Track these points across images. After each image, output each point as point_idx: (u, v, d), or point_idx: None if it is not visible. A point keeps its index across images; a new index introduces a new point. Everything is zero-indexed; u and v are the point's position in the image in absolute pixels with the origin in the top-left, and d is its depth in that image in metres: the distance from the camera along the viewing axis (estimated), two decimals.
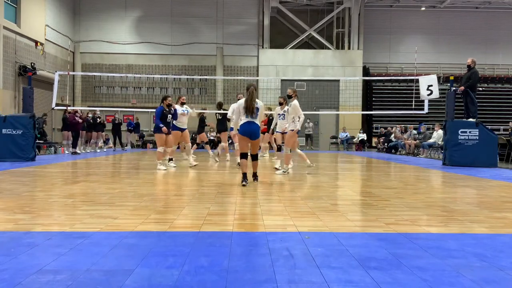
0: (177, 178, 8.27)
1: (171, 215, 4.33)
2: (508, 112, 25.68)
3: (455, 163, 11.49)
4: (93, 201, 5.34)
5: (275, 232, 3.68)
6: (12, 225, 3.80)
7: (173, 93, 25.55)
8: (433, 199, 5.78)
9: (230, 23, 25.72)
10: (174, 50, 25.71)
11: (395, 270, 2.70)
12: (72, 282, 2.40)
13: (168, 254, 2.95)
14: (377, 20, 27.06)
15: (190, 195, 5.80)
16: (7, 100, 18.28)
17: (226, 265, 2.74)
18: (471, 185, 7.56)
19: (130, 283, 2.41)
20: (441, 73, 25.48)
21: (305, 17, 26.25)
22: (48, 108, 18.59)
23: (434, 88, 11.82)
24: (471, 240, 3.53)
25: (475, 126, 11.56)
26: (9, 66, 18.50)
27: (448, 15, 27.25)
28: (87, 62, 25.60)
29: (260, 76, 24.42)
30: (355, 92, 24.02)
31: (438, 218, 4.42)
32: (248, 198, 5.63)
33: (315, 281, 2.48)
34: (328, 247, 3.20)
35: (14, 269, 2.61)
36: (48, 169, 9.76)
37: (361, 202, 5.60)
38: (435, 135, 17.36)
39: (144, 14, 25.61)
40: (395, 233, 3.71)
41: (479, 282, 2.50)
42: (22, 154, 11.43)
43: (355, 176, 9.67)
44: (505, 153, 13.64)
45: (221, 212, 4.59)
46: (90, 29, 25.45)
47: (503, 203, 5.52)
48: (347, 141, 24.36)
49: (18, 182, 6.94)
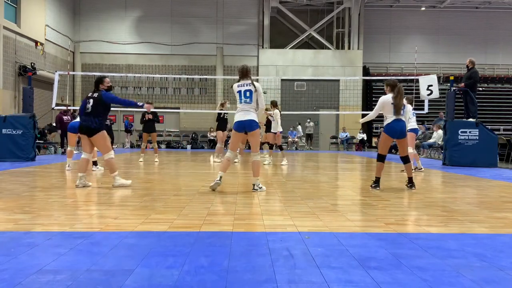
0: (177, 178, 8.27)
1: (171, 215, 4.33)
2: (508, 112, 25.69)
3: (455, 163, 11.48)
4: (93, 201, 5.34)
5: (275, 232, 3.68)
6: (12, 225, 3.80)
7: (173, 93, 25.58)
8: (433, 199, 5.78)
9: (230, 23, 25.72)
10: (174, 50, 25.71)
11: (395, 270, 2.70)
12: (72, 282, 2.40)
13: (168, 254, 2.95)
14: (377, 20, 27.06)
15: (190, 195, 5.80)
16: (7, 100, 18.28)
17: (226, 265, 2.74)
18: (471, 185, 7.56)
19: (130, 283, 2.41)
20: (441, 73, 25.47)
21: (305, 17, 26.25)
22: (48, 108, 18.59)
23: (434, 88, 11.81)
24: (471, 240, 3.53)
25: (475, 126, 11.55)
26: (9, 66, 18.50)
27: (448, 15, 27.24)
28: (87, 62, 25.60)
29: (260, 76, 24.41)
30: (355, 92, 24.02)
31: (438, 218, 4.42)
32: (248, 198, 5.62)
33: (315, 281, 2.48)
34: (328, 247, 3.20)
35: (14, 269, 2.61)
36: (48, 169, 9.76)
37: (361, 202, 5.60)
38: (435, 135, 17.37)
39: (144, 14, 25.61)
40: (395, 233, 3.71)
41: (479, 282, 2.50)
42: (22, 154, 11.43)
43: (355, 176, 9.67)
44: (505, 153, 13.64)
45: (221, 212, 4.59)
46: (90, 29, 25.45)
47: (503, 203, 5.52)
48: (347, 141, 24.36)
49: (18, 182, 6.94)
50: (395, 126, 6.60)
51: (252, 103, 6.09)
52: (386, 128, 6.69)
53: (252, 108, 6.11)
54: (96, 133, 6.41)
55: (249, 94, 6.08)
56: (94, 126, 6.40)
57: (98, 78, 6.74)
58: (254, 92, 6.09)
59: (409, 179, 6.80)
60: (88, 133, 6.46)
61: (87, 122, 6.42)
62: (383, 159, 6.76)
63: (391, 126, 6.61)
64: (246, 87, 6.11)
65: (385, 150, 6.80)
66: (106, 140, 6.57)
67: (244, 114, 6.07)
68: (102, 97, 6.51)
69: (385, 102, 6.65)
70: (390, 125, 6.62)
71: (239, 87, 6.14)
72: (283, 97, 24.40)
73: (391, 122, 6.61)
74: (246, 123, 6.05)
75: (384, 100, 6.67)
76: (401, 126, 6.64)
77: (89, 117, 6.42)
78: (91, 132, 6.42)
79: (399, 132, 6.63)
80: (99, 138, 6.45)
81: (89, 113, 6.42)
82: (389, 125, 6.63)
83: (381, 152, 6.80)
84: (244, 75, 6.21)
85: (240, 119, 6.07)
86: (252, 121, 6.06)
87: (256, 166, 6.20)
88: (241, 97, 6.09)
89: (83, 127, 6.48)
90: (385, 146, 6.82)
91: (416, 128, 9.86)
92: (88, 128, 6.42)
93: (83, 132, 6.49)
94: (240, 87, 6.14)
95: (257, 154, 6.23)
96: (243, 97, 6.09)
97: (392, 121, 6.60)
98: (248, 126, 6.07)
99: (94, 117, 6.41)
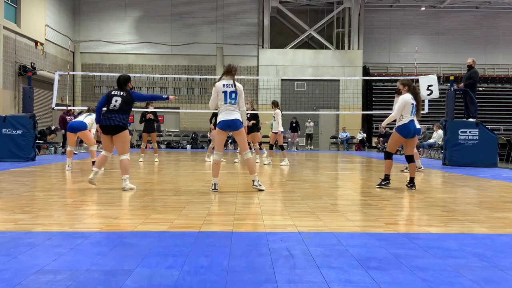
0: (177, 178, 8.27)
1: (171, 215, 4.33)
2: (508, 112, 25.68)
3: (455, 163, 11.48)
4: (93, 201, 5.35)
5: (275, 232, 3.68)
6: (12, 225, 3.80)
7: (173, 93, 25.55)
8: (433, 199, 5.78)
9: (230, 23, 25.72)
10: (174, 50, 25.70)
11: (395, 270, 2.70)
12: (72, 282, 2.40)
13: (168, 254, 2.95)
14: (377, 20, 27.05)
15: (190, 195, 5.80)
16: (7, 100, 18.28)
17: (226, 265, 2.74)
18: (471, 185, 7.56)
19: (130, 283, 2.41)
20: (441, 73, 25.47)
21: (305, 17, 26.25)
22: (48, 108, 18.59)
23: (434, 88, 11.81)
24: (471, 240, 3.53)
25: (475, 126, 11.56)
26: (9, 66, 18.49)
27: (448, 15, 27.24)
28: (87, 62, 25.60)
29: (260, 76, 24.41)
30: (355, 92, 24.03)
31: (438, 218, 4.42)
32: (248, 198, 5.63)
33: (315, 281, 2.48)
34: (328, 247, 3.20)
35: (14, 269, 2.61)
36: (48, 169, 9.76)
37: (361, 202, 5.60)
38: (435, 135, 17.37)
39: (144, 14, 25.61)
40: (395, 233, 3.71)
41: (479, 282, 2.50)
42: (22, 154, 11.43)
43: (355, 176, 9.67)
44: (505, 153, 13.64)
45: (221, 212, 4.59)
46: (90, 29, 25.45)
47: (503, 203, 5.52)
48: (347, 141, 24.36)
49: (18, 182, 6.94)
50: (410, 126, 6.61)
51: (236, 104, 6.16)
52: (400, 128, 6.62)
53: (236, 109, 6.17)
54: (121, 131, 6.18)
55: (235, 96, 6.12)
56: (122, 123, 6.15)
57: (126, 77, 6.48)
58: (238, 94, 6.14)
59: (411, 179, 6.79)
60: (112, 131, 6.17)
61: (113, 120, 6.12)
62: (391, 156, 6.79)
63: (407, 126, 6.59)
64: (231, 88, 6.13)
65: (394, 149, 6.86)
66: (128, 139, 6.43)
67: (228, 113, 6.10)
68: (132, 95, 6.34)
69: (406, 102, 6.60)
70: (406, 125, 6.59)
71: (224, 87, 6.14)
72: (283, 97, 24.41)
73: (408, 122, 6.59)
74: (231, 122, 6.08)
75: (406, 100, 6.61)
76: (415, 127, 6.68)
77: (115, 114, 6.15)
78: (116, 130, 6.15)
79: (413, 132, 6.66)
80: (123, 136, 6.23)
81: (116, 111, 6.17)
82: (405, 125, 6.59)
83: (390, 151, 6.81)
84: (228, 73, 6.22)
85: (224, 119, 6.09)
86: (237, 120, 6.11)
87: (249, 164, 6.24)
88: (226, 98, 6.11)
89: (107, 126, 6.14)
90: (396, 146, 6.88)
91: (419, 128, 9.77)
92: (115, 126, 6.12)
93: (108, 130, 6.19)
94: (225, 87, 6.14)
95: (247, 152, 6.26)
96: (228, 98, 6.11)
97: (409, 121, 6.60)
98: (233, 125, 6.10)
99: (122, 114, 6.19)
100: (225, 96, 6.10)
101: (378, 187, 6.85)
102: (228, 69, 6.23)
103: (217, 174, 6.17)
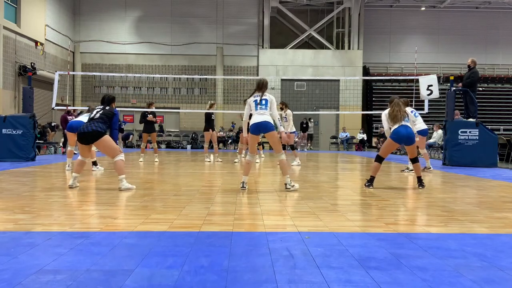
0: (177, 178, 8.27)
1: (171, 215, 4.33)
2: (508, 112, 25.69)
3: (455, 163, 11.48)
4: (93, 201, 5.35)
5: (275, 232, 3.68)
6: (12, 225, 3.80)
7: (173, 93, 25.57)
8: (433, 199, 5.78)
9: (230, 23, 25.73)
10: (174, 50, 25.71)
11: (395, 270, 2.70)
12: (72, 282, 2.40)
13: (168, 254, 2.95)
14: (377, 20, 27.06)
15: (190, 195, 5.80)
16: (7, 100, 18.28)
17: (226, 265, 2.74)
18: (471, 185, 7.56)
19: (130, 283, 2.41)
20: (441, 73, 25.48)
21: (305, 17, 26.26)
22: (48, 108, 18.59)
23: (434, 88, 11.81)
24: (471, 240, 3.53)
25: (475, 126, 11.55)
26: (9, 66, 18.50)
27: (448, 15, 27.25)
28: (87, 62, 25.61)
29: (260, 76, 24.40)
30: (355, 92, 24.02)
31: (438, 218, 4.42)
32: (248, 198, 5.63)
33: (315, 281, 2.48)
34: (328, 247, 3.20)
35: (14, 269, 2.61)
36: (48, 169, 9.76)
37: (361, 202, 5.61)
38: (435, 135, 17.36)
39: (144, 14, 25.62)
40: (395, 233, 3.71)
41: (479, 282, 2.50)
42: (22, 154, 11.43)
43: (355, 176, 9.67)
44: (505, 153, 13.64)
45: (221, 212, 4.59)
46: (90, 29, 25.46)
47: (503, 203, 5.52)
48: (347, 141, 24.37)
49: (18, 182, 6.94)
50: (401, 130, 6.71)
51: (267, 110, 6.29)
52: (392, 133, 6.79)
53: (266, 113, 6.28)
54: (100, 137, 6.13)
55: (265, 102, 6.32)
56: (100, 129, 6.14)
57: (111, 98, 6.73)
58: (269, 101, 6.34)
59: (418, 178, 6.89)
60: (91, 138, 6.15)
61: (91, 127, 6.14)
62: (381, 160, 6.86)
63: (397, 130, 6.73)
64: (262, 97, 6.36)
65: (386, 154, 6.93)
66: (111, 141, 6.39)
67: (258, 117, 6.26)
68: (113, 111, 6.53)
69: (386, 115, 7.04)
70: (396, 129, 6.74)
71: (254, 97, 6.38)
72: (283, 97, 24.37)
73: (398, 127, 6.75)
74: (259, 124, 6.21)
75: (385, 113, 7.06)
76: (407, 131, 6.73)
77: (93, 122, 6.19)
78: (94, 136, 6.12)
79: (406, 137, 6.72)
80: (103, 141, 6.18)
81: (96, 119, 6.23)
82: (395, 130, 6.76)
83: (381, 155, 6.89)
84: (259, 89, 6.41)
85: (254, 121, 6.25)
86: (267, 122, 6.21)
87: (283, 165, 6.33)
88: (257, 105, 6.31)
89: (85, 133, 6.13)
90: (387, 151, 6.96)
91: (425, 129, 9.75)
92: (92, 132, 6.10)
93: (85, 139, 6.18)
94: (255, 97, 6.38)
95: (282, 154, 6.33)
96: (258, 105, 6.30)
97: (399, 126, 6.74)
98: (263, 128, 6.23)
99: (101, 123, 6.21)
100: (255, 104, 6.32)
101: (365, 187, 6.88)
102: (258, 86, 6.43)
103: (248, 173, 6.38)
